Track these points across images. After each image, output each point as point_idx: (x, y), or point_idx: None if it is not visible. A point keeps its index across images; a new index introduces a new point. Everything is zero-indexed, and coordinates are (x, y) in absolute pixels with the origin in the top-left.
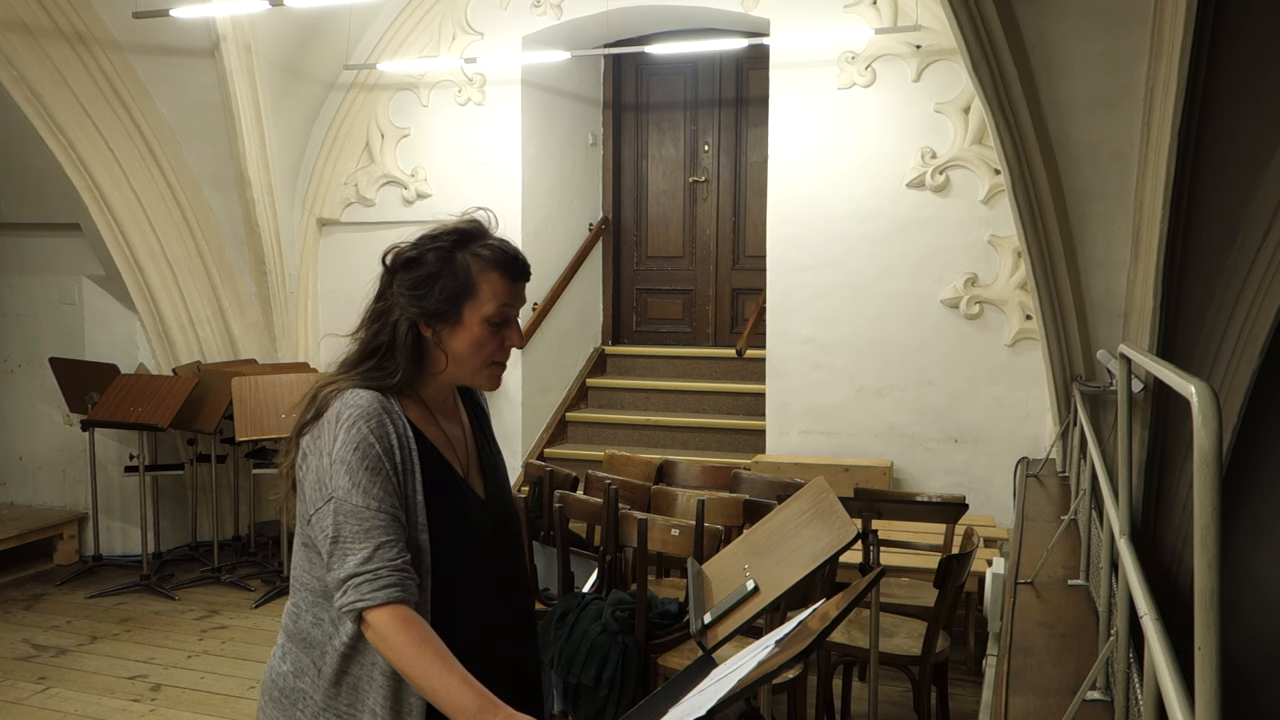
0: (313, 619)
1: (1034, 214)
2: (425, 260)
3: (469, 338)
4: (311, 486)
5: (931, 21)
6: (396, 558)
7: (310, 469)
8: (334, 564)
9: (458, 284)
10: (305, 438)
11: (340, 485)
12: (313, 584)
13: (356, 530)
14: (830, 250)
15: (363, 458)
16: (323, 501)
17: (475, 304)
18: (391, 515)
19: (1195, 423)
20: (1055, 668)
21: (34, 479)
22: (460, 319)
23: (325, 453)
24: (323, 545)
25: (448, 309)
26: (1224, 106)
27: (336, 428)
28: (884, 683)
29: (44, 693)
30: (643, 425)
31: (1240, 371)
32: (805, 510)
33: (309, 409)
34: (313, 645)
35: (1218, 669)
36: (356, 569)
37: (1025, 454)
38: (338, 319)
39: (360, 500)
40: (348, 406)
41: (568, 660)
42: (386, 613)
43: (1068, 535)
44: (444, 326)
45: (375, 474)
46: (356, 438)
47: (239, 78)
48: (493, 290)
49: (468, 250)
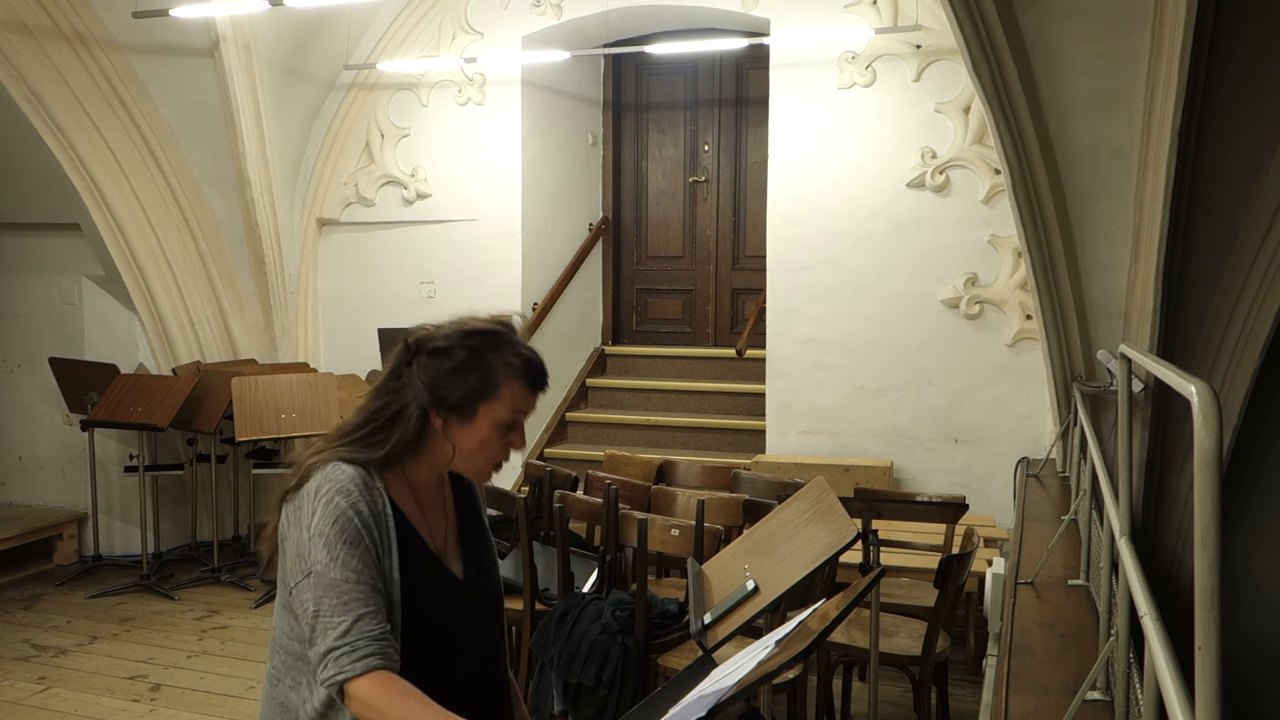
0: (291, 682)
1: (1034, 214)
2: (454, 354)
3: (477, 436)
4: (292, 559)
5: (931, 21)
6: (375, 628)
7: (291, 541)
8: (315, 639)
9: (482, 384)
10: (288, 506)
11: (319, 560)
12: (291, 647)
13: (335, 604)
14: (830, 250)
15: (341, 531)
16: (302, 575)
17: (491, 406)
18: (370, 586)
19: (1195, 423)
20: (1055, 668)
21: (34, 479)
22: (474, 417)
23: (305, 526)
24: (305, 620)
25: (465, 405)
26: (1224, 107)
27: (315, 501)
28: (884, 683)
29: (44, 693)
30: (643, 425)
31: (1240, 371)
32: (805, 510)
33: (294, 476)
34: (289, 709)
35: (1218, 669)
36: (335, 642)
37: (1025, 454)
38: (338, 319)
39: (339, 574)
40: (327, 480)
41: (568, 660)
42: (366, 681)
43: (1068, 535)
44: (456, 420)
45: (354, 547)
46: (334, 512)
47: (239, 78)
48: (512, 398)
49: (499, 354)
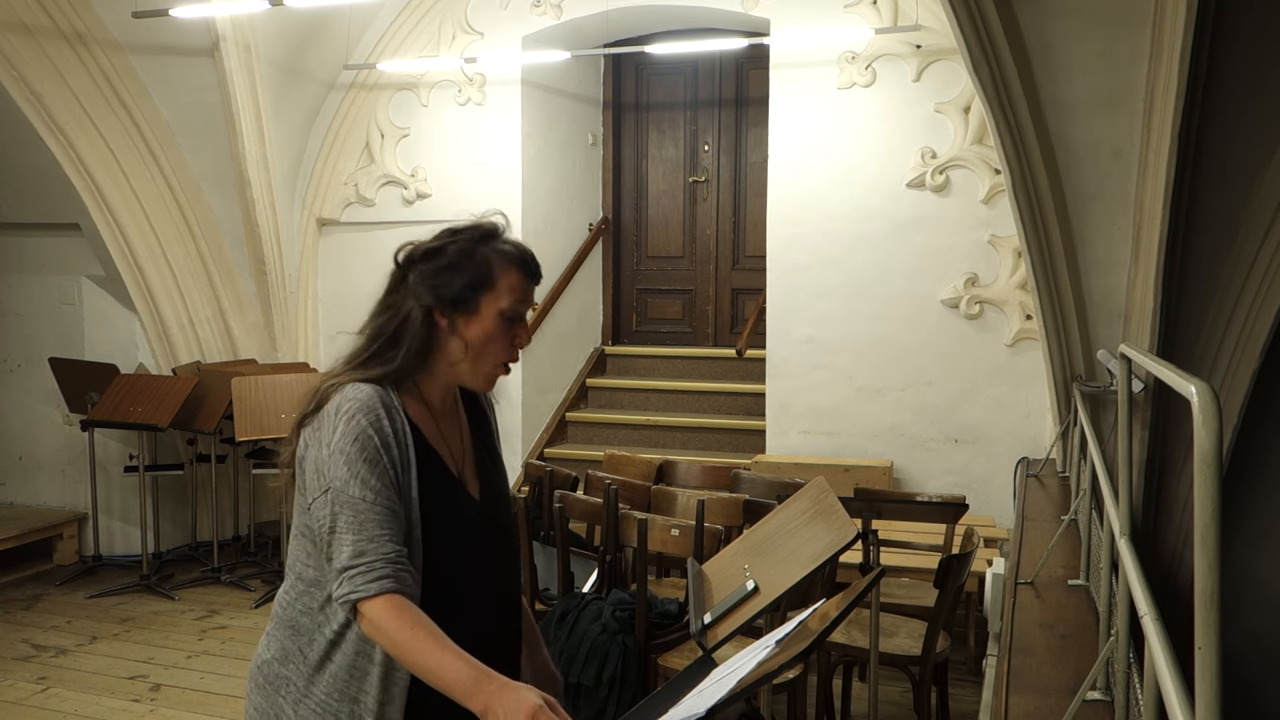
0: (302, 607)
1: (1034, 214)
2: (447, 250)
3: (482, 329)
4: (311, 476)
5: (931, 21)
6: (391, 550)
7: (310, 459)
8: (331, 553)
9: (478, 274)
10: (306, 429)
11: (338, 475)
12: (306, 573)
13: (352, 521)
14: (830, 250)
15: (361, 449)
16: (320, 491)
17: (493, 296)
18: (387, 508)
19: (1195, 423)
20: (1055, 668)
21: (34, 479)
22: (477, 308)
23: (325, 443)
24: (320, 535)
25: (467, 297)
26: (1224, 107)
27: (336, 419)
28: (884, 683)
29: (44, 693)
30: (643, 425)
31: (1240, 371)
32: (805, 510)
33: (310, 401)
34: (300, 632)
35: (1218, 669)
36: (351, 560)
37: (1025, 454)
38: (338, 319)
39: (357, 491)
40: (348, 400)
41: (568, 660)
42: (379, 602)
43: (1068, 535)
44: (460, 315)
45: (373, 466)
46: (356, 430)
47: (239, 78)
48: (509, 285)
49: (489, 245)
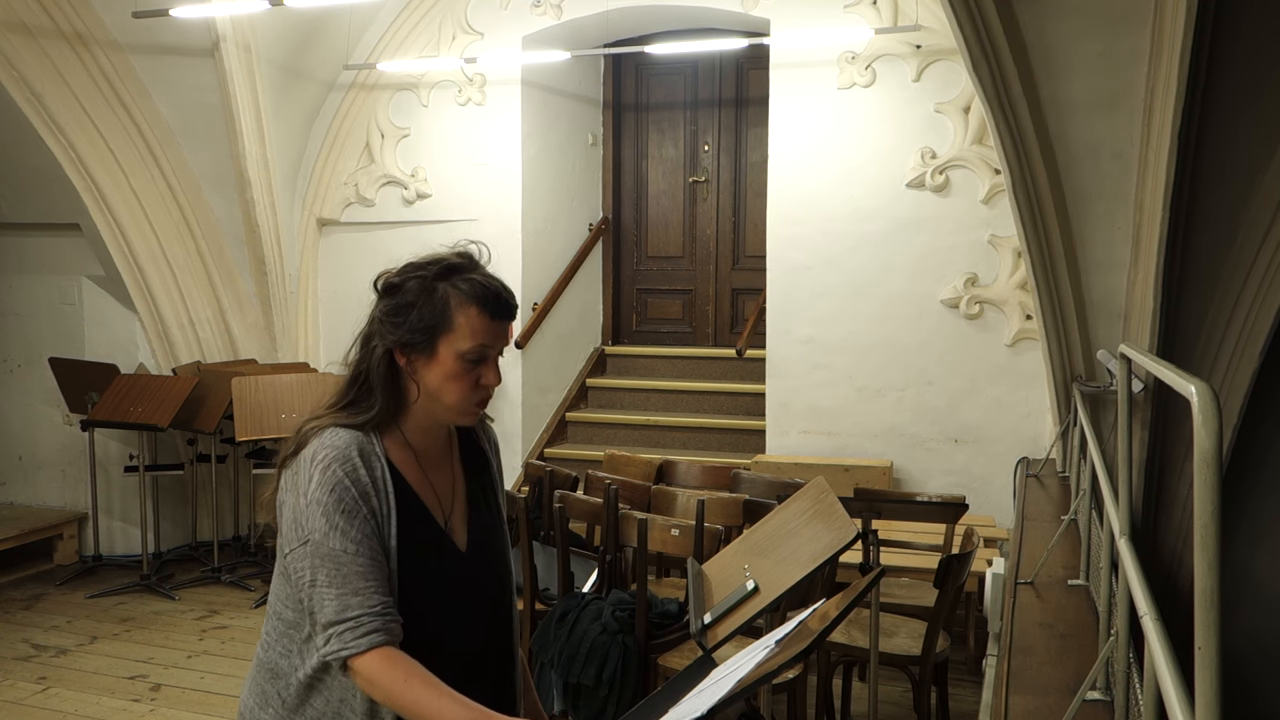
0: (281, 650)
1: (1034, 214)
2: (406, 288)
3: (441, 371)
4: (288, 525)
5: (931, 21)
6: (377, 602)
7: (288, 506)
8: (314, 607)
9: (434, 315)
10: (286, 471)
11: (316, 528)
12: (285, 614)
13: (334, 575)
14: (830, 250)
15: (339, 500)
16: (299, 543)
17: (450, 339)
18: (370, 558)
19: (1195, 423)
20: (1055, 668)
21: (34, 479)
22: (435, 352)
23: (302, 492)
24: (300, 588)
25: (422, 340)
26: (1224, 107)
27: (312, 468)
28: (884, 683)
29: (44, 693)
30: (643, 425)
31: (1240, 371)
32: (805, 510)
33: (291, 443)
34: (278, 675)
35: (1218, 669)
36: (337, 616)
37: (1025, 454)
38: (338, 319)
39: (338, 543)
40: (324, 447)
41: (568, 660)
42: (370, 658)
43: (1068, 535)
44: (418, 357)
45: (351, 516)
46: (331, 480)
47: (239, 78)
48: (470, 326)
49: (449, 282)
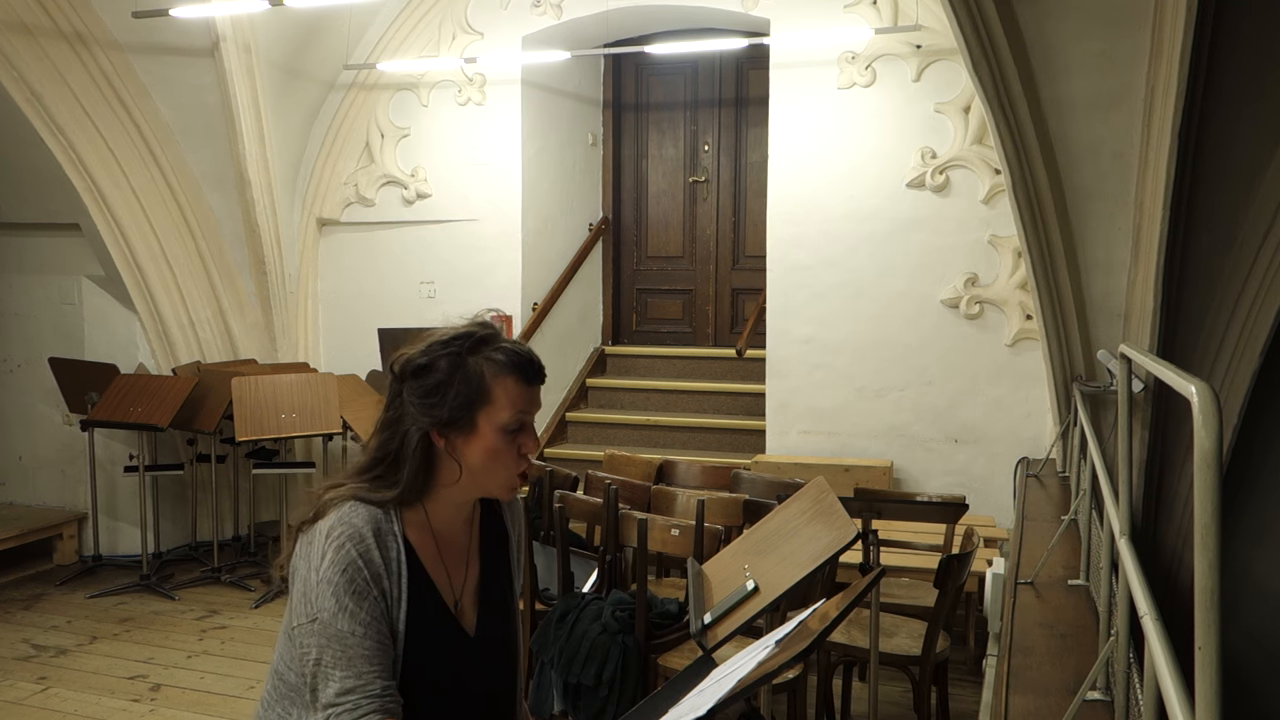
0: (279, 713)
1: (1034, 214)
2: (436, 367)
3: (483, 446)
4: (298, 597)
5: (931, 21)
6: (378, 686)
7: (299, 576)
8: (316, 684)
9: (471, 390)
10: (301, 538)
11: (325, 607)
12: (288, 676)
13: (340, 656)
14: (830, 250)
15: (350, 581)
16: (306, 619)
17: (490, 411)
18: (376, 641)
19: (1195, 423)
20: (1055, 668)
21: (34, 479)
22: (475, 427)
23: (314, 567)
24: (305, 664)
25: (461, 416)
26: (1224, 107)
27: (326, 543)
28: (884, 683)
29: (44, 693)
30: (643, 425)
31: (1240, 371)
32: (805, 510)
33: (310, 509)
34: None
35: (1218, 669)
36: (336, 699)
37: (1025, 454)
38: (338, 319)
39: (345, 625)
40: (340, 523)
41: (568, 660)
42: None
43: (1068, 535)
44: (457, 435)
45: (361, 598)
46: (345, 560)
47: (239, 78)
48: (508, 397)
49: (480, 355)
